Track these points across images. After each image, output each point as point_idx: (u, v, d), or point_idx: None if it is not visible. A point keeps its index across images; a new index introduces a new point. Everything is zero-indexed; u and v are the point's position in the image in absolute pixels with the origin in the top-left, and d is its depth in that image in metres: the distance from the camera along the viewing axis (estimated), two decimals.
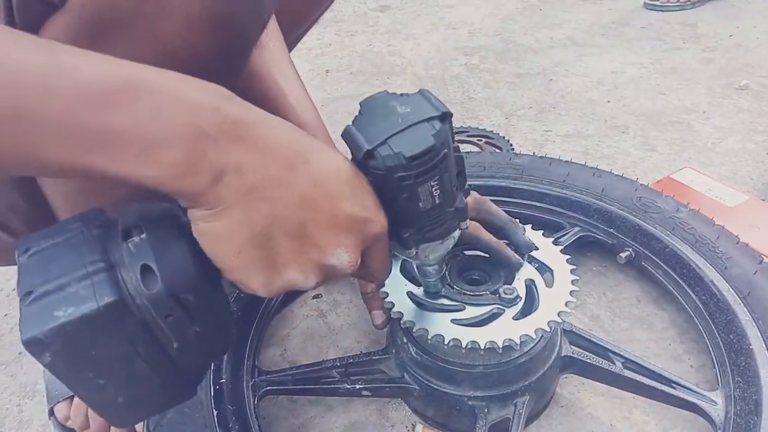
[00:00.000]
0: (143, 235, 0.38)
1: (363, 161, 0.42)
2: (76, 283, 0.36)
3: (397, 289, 0.63)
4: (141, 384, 0.39)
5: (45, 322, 0.34)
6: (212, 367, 0.65)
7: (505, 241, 0.65)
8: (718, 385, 0.66)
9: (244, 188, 0.36)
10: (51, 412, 0.68)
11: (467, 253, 0.67)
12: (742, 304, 0.68)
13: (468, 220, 0.52)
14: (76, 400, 0.67)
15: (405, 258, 0.54)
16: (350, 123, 0.44)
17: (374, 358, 0.69)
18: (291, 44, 0.81)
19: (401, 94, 0.45)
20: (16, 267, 0.37)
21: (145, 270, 0.37)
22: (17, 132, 0.31)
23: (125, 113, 0.32)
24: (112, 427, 0.66)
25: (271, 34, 0.68)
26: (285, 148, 0.38)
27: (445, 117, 0.43)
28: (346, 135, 0.44)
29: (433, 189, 0.44)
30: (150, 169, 0.33)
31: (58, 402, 0.67)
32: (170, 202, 0.40)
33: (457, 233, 0.51)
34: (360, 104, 0.45)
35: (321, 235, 0.40)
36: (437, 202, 0.45)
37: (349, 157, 0.44)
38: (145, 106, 0.33)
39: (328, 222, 0.40)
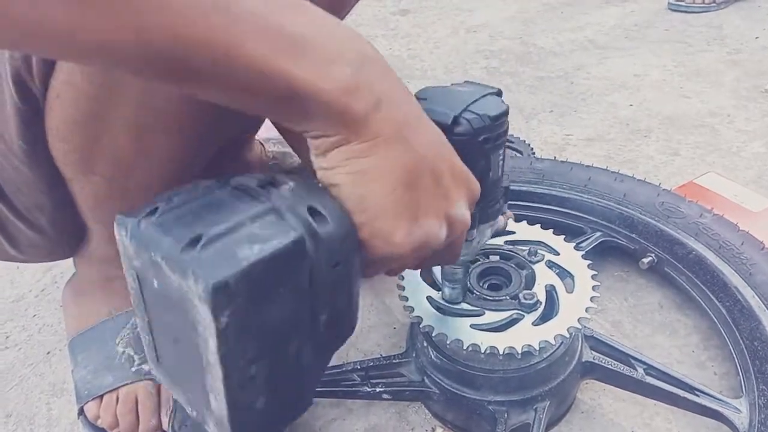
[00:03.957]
0: (292, 183, 0.36)
1: (447, 131, 0.44)
2: (250, 224, 0.32)
3: (417, 294, 0.64)
4: (286, 376, 0.36)
5: (232, 263, 0.30)
6: None
7: None
8: (743, 392, 0.65)
9: (399, 120, 0.37)
10: (80, 412, 0.70)
11: (488, 258, 0.67)
12: (767, 311, 0.67)
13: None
14: (106, 398, 0.68)
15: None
16: None
17: (394, 361, 0.69)
18: None
19: (451, 84, 0.50)
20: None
21: (313, 212, 0.35)
22: (215, 21, 0.30)
23: (308, 24, 0.33)
24: (140, 427, 0.67)
25: None
26: (411, 98, 0.40)
27: (500, 92, 0.49)
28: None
29: (500, 159, 0.49)
30: (328, 79, 0.33)
31: (88, 401, 0.69)
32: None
33: (499, 218, 0.54)
34: (416, 95, 0.47)
35: (450, 184, 0.41)
36: (500, 173, 0.50)
37: None
38: (322, 23, 0.34)
39: (452, 172, 0.41)
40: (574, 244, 0.70)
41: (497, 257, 0.68)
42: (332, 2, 0.80)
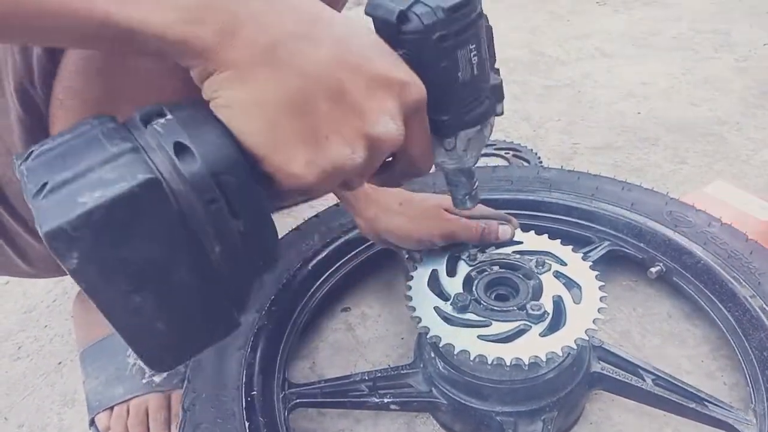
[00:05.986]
0: (169, 116, 0.34)
1: (395, 29, 0.39)
2: (99, 168, 0.31)
3: (424, 304, 0.64)
4: (182, 301, 0.35)
5: (69, 210, 0.30)
6: (243, 377, 0.66)
7: None
8: (752, 402, 0.65)
9: (266, 43, 0.33)
10: (91, 422, 0.71)
11: (494, 269, 0.68)
12: None
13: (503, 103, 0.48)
14: (117, 410, 0.69)
15: (441, 161, 0.49)
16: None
17: (402, 372, 0.69)
18: None
19: None
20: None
21: (179, 149, 0.32)
22: None
23: None
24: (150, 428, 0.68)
25: None
26: (304, 6, 0.36)
27: None
28: (371, 7, 0.41)
29: (472, 55, 0.41)
30: (158, 12, 0.31)
31: (99, 412, 0.69)
32: None
33: (493, 120, 0.48)
34: None
35: (361, 99, 0.36)
36: (475, 72, 0.42)
37: None
38: None
39: (365, 83, 0.36)
40: (582, 254, 0.70)
41: (505, 268, 0.68)
42: None
